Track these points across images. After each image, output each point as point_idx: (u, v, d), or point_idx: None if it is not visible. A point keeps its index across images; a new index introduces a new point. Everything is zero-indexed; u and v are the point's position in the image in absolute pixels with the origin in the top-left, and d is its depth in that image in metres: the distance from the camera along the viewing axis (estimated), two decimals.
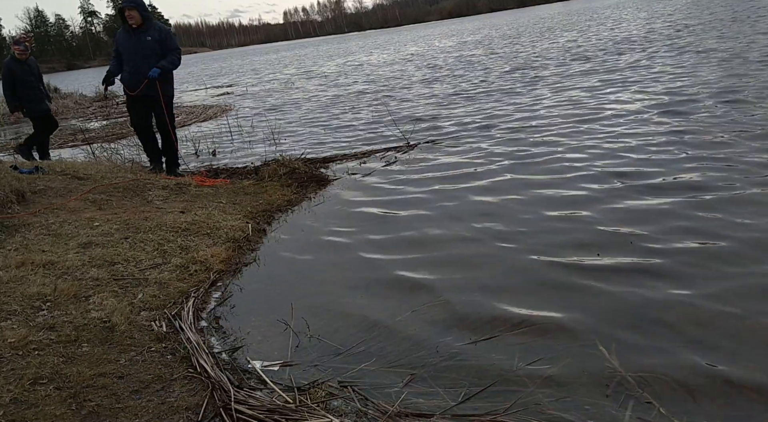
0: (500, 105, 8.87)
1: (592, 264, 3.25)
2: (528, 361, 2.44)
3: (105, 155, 7.63)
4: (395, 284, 3.34)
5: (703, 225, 3.54)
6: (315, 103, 12.69)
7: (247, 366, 2.62)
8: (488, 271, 3.35)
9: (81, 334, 2.80)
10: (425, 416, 2.16)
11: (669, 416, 2.05)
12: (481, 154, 6.07)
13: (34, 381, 2.41)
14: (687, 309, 2.71)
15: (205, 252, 3.84)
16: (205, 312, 3.19)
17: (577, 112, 7.38)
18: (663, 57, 11.12)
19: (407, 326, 2.83)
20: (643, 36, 15.91)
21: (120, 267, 3.58)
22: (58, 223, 4.30)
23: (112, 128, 11.81)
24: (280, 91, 16.59)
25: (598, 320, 2.71)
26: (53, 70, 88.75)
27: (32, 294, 3.15)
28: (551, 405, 2.16)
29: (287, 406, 2.26)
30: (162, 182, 5.59)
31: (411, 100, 10.87)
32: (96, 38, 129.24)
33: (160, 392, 2.40)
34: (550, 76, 11.07)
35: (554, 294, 2.99)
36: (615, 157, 5.19)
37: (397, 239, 4.03)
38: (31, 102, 7.64)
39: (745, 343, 2.41)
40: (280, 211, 4.96)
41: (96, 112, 15.95)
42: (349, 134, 8.31)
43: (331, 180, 5.79)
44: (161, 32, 6.10)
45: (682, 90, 7.63)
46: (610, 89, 8.66)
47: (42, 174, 5.58)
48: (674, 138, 5.48)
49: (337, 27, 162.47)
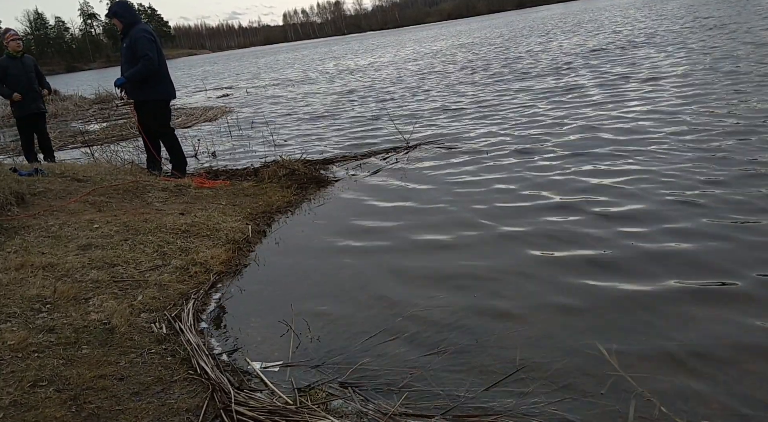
0: (500, 105, 8.87)
1: (593, 265, 3.25)
2: (528, 361, 2.44)
3: (105, 157, 7.62)
4: (396, 285, 3.34)
5: (703, 228, 3.55)
6: (315, 103, 12.69)
7: (248, 367, 2.62)
8: (488, 272, 3.34)
9: (81, 336, 2.80)
10: (426, 417, 2.16)
11: (670, 414, 2.04)
12: (482, 154, 6.06)
13: (33, 384, 2.40)
14: (687, 308, 2.71)
15: (205, 254, 3.84)
16: (205, 313, 3.18)
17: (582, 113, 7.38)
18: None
19: (407, 326, 2.83)
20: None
21: (120, 269, 3.57)
22: (57, 225, 4.29)
23: (111, 130, 11.80)
24: (281, 92, 16.59)
25: (599, 320, 2.71)
26: (53, 73, 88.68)
27: (32, 297, 3.15)
28: (552, 406, 2.16)
29: (288, 407, 2.26)
30: (162, 184, 5.58)
31: (411, 100, 10.87)
32: (96, 41, 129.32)
33: (161, 394, 2.39)
34: (561, 75, 11.08)
35: (555, 294, 2.98)
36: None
37: (398, 240, 4.03)
38: (21, 99, 7.30)
39: (747, 340, 2.41)
40: (280, 212, 4.95)
41: (96, 114, 15.95)
42: (349, 135, 8.31)
43: (331, 181, 5.79)
44: (131, 39, 6.02)
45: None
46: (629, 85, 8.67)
47: (41, 176, 5.58)
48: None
49: (337, 29, 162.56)
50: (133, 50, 5.99)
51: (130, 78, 5.99)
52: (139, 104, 6.20)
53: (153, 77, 6.06)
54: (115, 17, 6.08)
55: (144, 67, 5.97)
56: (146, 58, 5.95)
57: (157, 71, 6.05)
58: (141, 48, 5.96)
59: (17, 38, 7.54)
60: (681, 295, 2.83)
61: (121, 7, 6.12)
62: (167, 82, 6.25)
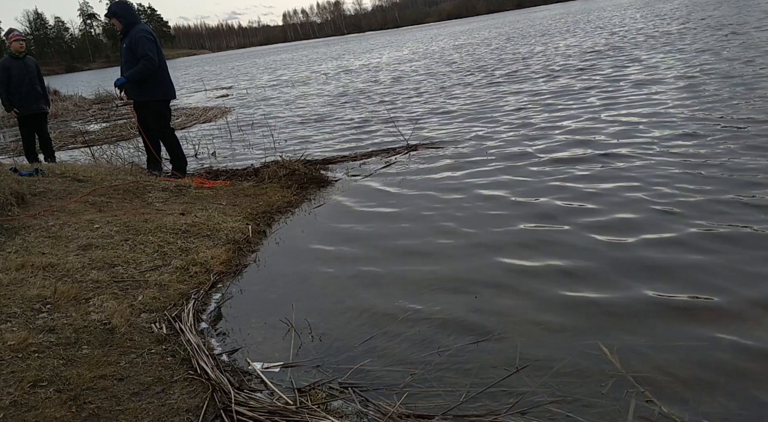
0: (500, 105, 8.87)
1: (594, 264, 3.26)
2: (529, 361, 2.44)
3: (105, 157, 7.62)
4: (395, 285, 3.34)
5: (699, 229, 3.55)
6: (315, 103, 12.69)
7: (248, 367, 2.62)
8: (489, 272, 3.35)
9: (81, 336, 2.80)
10: (426, 417, 2.16)
11: (670, 415, 2.04)
12: (482, 155, 6.06)
13: (34, 384, 2.40)
14: (688, 309, 2.71)
15: (205, 254, 3.84)
16: (205, 313, 3.18)
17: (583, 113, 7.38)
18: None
19: (407, 327, 2.83)
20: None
21: (120, 269, 3.58)
22: (58, 225, 4.29)
23: (111, 130, 11.80)
24: (281, 93, 16.59)
25: (600, 319, 2.71)
26: (53, 73, 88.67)
27: (32, 297, 3.15)
28: (552, 405, 2.16)
29: (288, 407, 2.26)
30: (162, 184, 5.59)
31: (411, 101, 10.87)
32: (95, 41, 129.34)
33: (161, 394, 2.39)
34: (558, 77, 11.08)
35: (555, 294, 2.98)
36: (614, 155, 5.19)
37: (398, 240, 4.03)
38: (22, 99, 7.35)
39: (746, 340, 2.41)
40: (280, 212, 4.95)
41: (96, 115, 15.95)
42: (349, 135, 8.31)
43: (332, 181, 5.79)
44: (131, 39, 6.01)
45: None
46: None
47: (42, 176, 5.58)
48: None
49: (337, 29, 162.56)
50: (133, 50, 5.98)
51: (130, 78, 5.99)
52: (139, 104, 6.20)
53: (153, 77, 6.05)
54: (114, 17, 6.08)
55: (144, 68, 5.96)
56: (146, 59, 5.94)
57: (157, 71, 6.04)
58: (141, 48, 5.95)
59: (21, 39, 7.55)
60: (682, 294, 2.83)
61: (120, 7, 6.11)
62: (167, 83, 6.24)
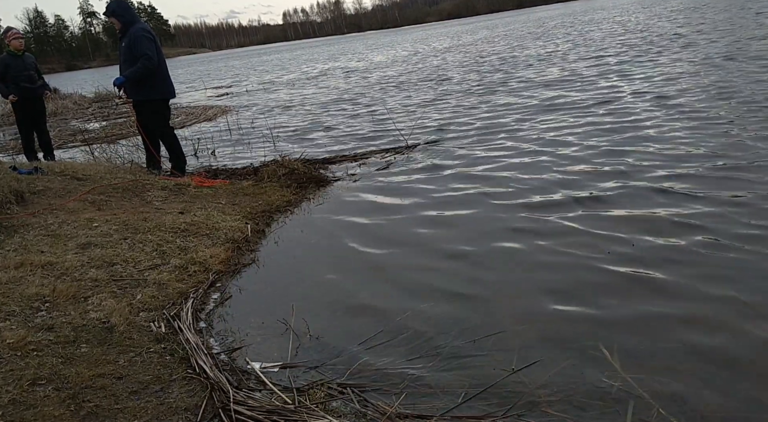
0: (501, 105, 8.88)
1: (594, 265, 3.26)
2: (528, 362, 2.44)
3: (104, 156, 7.62)
4: (395, 285, 3.34)
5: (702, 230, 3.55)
6: (315, 103, 12.69)
7: (246, 366, 2.62)
8: (488, 272, 3.35)
9: (80, 335, 2.80)
10: (424, 417, 2.16)
11: (669, 417, 2.04)
12: (481, 155, 6.07)
13: (32, 382, 2.40)
14: (688, 311, 2.71)
15: (204, 253, 3.84)
16: (204, 312, 3.18)
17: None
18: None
19: (407, 327, 2.83)
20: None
21: (119, 268, 3.57)
22: (57, 224, 4.29)
23: (111, 129, 11.79)
24: (281, 92, 16.59)
25: (600, 321, 2.71)
26: (53, 71, 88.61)
27: (31, 295, 3.14)
28: (551, 407, 2.16)
29: (286, 407, 2.26)
30: (161, 183, 5.58)
31: (411, 101, 10.87)
32: (95, 39, 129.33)
33: (159, 393, 2.39)
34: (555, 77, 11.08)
35: (555, 295, 2.98)
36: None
37: (398, 240, 4.03)
38: (20, 89, 7.32)
39: (746, 341, 2.42)
40: (279, 211, 4.95)
41: (95, 113, 15.94)
42: (348, 135, 8.31)
43: (331, 181, 5.79)
44: (130, 38, 5.98)
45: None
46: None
47: (41, 174, 5.58)
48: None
49: (337, 28, 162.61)
50: (132, 49, 5.96)
51: (129, 77, 5.97)
52: (139, 103, 6.19)
53: (152, 76, 6.03)
54: (113, 16, 6.05)
55: (143, 67, 5.94)
56: (145, 58, 5.93)
57: (156, 70, 6.02)
58: (140, 47, 5.93)
59: (20, 37, 7.55)
60: (682, 297, 2.83)
61: (119, 5, 6.09)
62: (167, 82, 6.22)
